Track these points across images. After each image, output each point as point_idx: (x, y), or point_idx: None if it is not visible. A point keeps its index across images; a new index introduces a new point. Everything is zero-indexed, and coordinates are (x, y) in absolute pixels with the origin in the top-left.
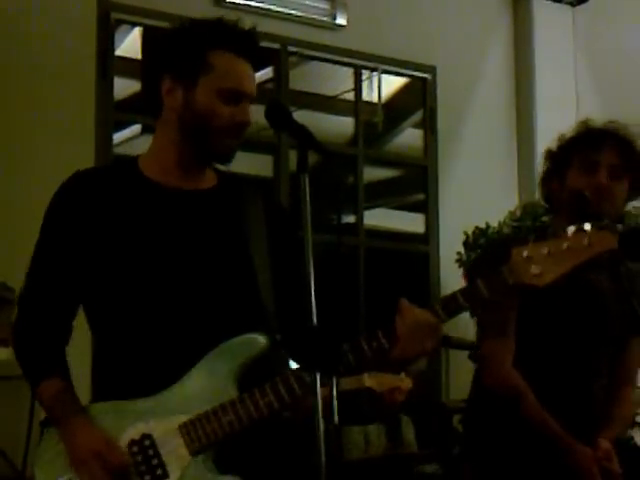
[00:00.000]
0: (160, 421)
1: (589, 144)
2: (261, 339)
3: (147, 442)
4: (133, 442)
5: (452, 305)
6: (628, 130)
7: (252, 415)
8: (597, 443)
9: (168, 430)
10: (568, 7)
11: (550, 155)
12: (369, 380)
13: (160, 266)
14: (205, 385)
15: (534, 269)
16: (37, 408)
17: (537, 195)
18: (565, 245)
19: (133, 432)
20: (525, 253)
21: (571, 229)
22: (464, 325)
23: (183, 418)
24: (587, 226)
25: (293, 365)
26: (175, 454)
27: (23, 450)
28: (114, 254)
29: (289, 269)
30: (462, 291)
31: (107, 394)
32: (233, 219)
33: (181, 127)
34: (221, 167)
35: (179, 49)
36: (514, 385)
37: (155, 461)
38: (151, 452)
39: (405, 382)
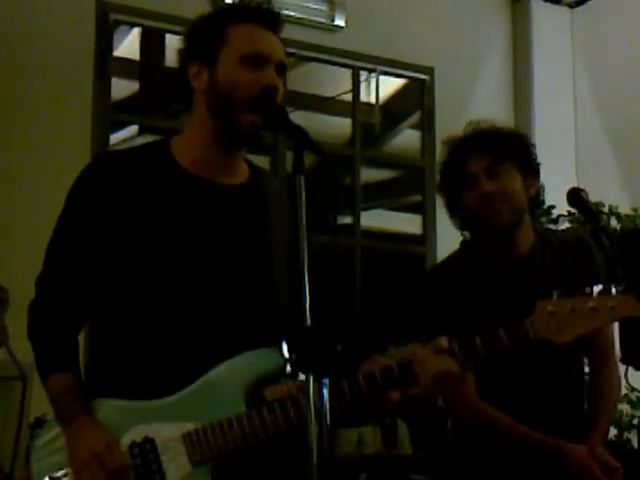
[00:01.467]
0: (164, 426)
1: (455, 162)
2: (277, 358)
3: (148, 446)
4: (134, 444)
5: (470, 351)
6: (485, 128)
7: (258, 434)
8: (591, 442)
9: (171, 437)
10: (566, 9)
11: (442, 195)
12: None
13: (181, 262)
14: (214, 396)
15: (556, 324)
16: (26, 411)
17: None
18: (590, 305)
19: (136, 434)
20: (550, 308)
21: (597, 289)
22: None
23: (188, 426)
24: (612, 289)
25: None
26: (176, 462)
27: (11, 452)
28: (136, 244)
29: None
30: (482, 337)
31: (111, 388)
32: (259, 220)
33: (209, 107)
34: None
35: (199, 33)
36: (483, 414)
37: (154, 466)
38: (151, 457)
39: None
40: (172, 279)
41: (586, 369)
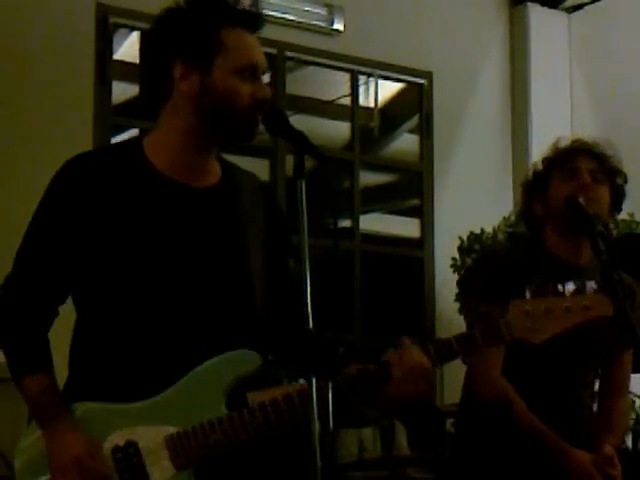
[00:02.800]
0: (147, 429)
1: (565, 157)
2: (255, 358)
3: (132, 450)
4: (117, 448)
5: (445, 351)
6: (598, 144)
7: (239, 436)
8: (600, 448)
9: (154, 440)
10: (564, 14)
11: (528, 184)
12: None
13: (156, 266)
14: (195, 398)
15: (530, 325)
16: None
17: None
18: (564, 305)
19: (118, 438)
20: (525, 308)
21: (570, 289)
22: (458, 330)
23: (171, 430)
24: (588, 288)
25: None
26: (159, 466)
27: None
28: (112, 248)
29: (284, 274)
30: (457, 338)
31: (90, 391)
32: (234, 222)
33: (199, 112)
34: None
35: (190, 32)
36: (503, 393)
37: (138, 470)
38: (135, 460)
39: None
40: (148, 283)
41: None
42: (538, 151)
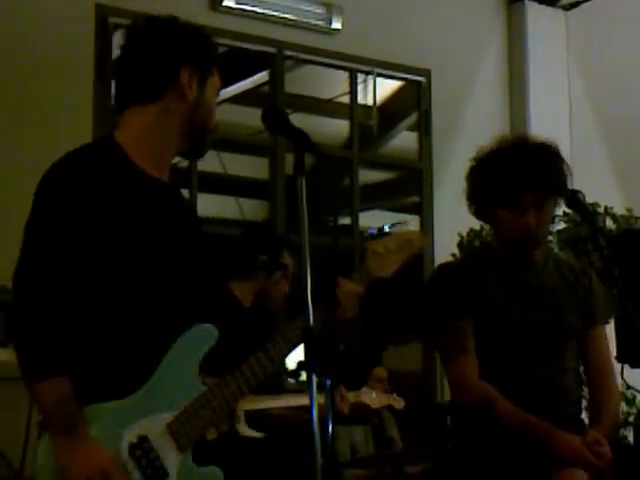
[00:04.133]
0: (150, 421)
1: (509, 190)
2: (213, 330)
3: (146, 445)
4: (133, 446)
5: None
6: (549, 157)
7: (224, 406)
8: (587, 432)
9: (159, 429)
10: (561, 11)
11: (471, 178)
12: (366, 397)
13: (156, 259)
14: (176, 381)
15: (380, 262)
16: (35, 410)
17: None
18: (396, 242)
19: (130, 436)
20: (372, 248)
21: (395, 229)
22: None
23: (168, 416)
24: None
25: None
26: (170, 452)
27: (21, 450)
28: (115, 242)
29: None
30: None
31: (84, 390)
32: (194, 214)
33: (187, 120)
34: None
35: (202, 44)
36: (483, 394)
37: (157, 463)
38: (153, 455)
39: (397, 402)
40: (140, 281)
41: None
42: None
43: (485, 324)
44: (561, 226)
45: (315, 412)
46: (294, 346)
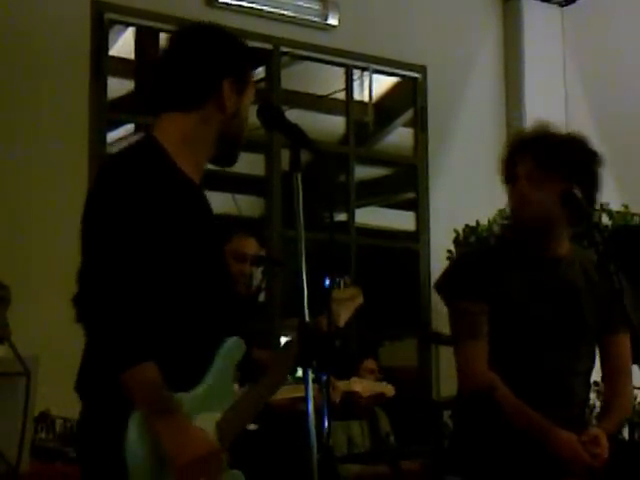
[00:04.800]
0: (204, 418)
1: (508, 160)
2: (243, 344)
3: None
4: None
5: None
6: (549, 133)
7: (253, 412)
8: (586, 430)
9: (210, 427)
10: (557, 7)
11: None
12: (356, 385)
13: (205, 261)
14: (221, 384)
15: (337, 310)
16: (30, 405)
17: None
18: (344, 296)
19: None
20: (334, 296)
21: (343, 283)
22: None
23: (217, 416)
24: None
25: None
26: None
27: (17, 446)
28: (175, 243)
29: None
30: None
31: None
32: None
33: (224, 130)
34: None
35: (244, 58)
36: (487, 382)
37: None
38: None
39: (388, 389)
40: (195, 278)
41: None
42: None
43: (500, 316)
44: None
45: (311, 406)
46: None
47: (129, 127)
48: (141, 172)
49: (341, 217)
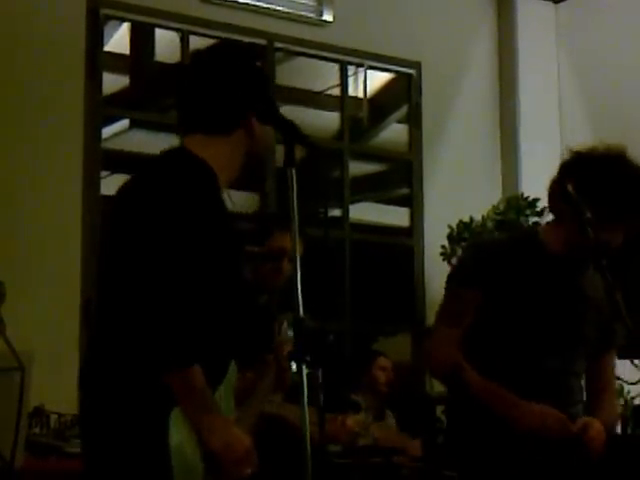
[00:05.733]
0: None
1: (633, 210)
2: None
3: None
4: None
5: None
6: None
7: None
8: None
9: None
10: (551, 4)
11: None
12: (378, 431)
13: (231, 267)
14: (227, 394)
15: None
16: (25, 400)
17: (520, 189)
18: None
19: None
20: None
21: None
22: None
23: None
24: None
25: None
26: None
27: (11, 441)
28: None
29: None
30: None
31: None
32: None
33: (250, 153)
34: None
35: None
36: (452, 362)
37: None
38: None
39: (414, 447)
40: (219, 286)
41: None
42: (526, 140)
43: (500, 310)
44: (549, 218)
45: (305, 404)
46: None
47: (124, 123)
48: (192, 188)
49: (335, 213)
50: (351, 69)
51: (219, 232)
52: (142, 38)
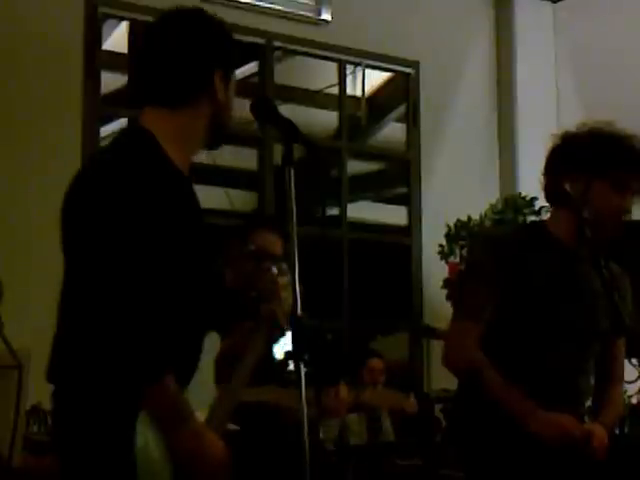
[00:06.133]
0: (198, 415)
1: (632, 168)
2: (218, 340)
3: None
4: None
5: None
6: None
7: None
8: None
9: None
10: (549, 3)
11: (575, 149)
12: (371, 396)
13: (199, 257)
14: (200, 383)
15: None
16: (23, 399)
17: (518, 188)
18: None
19: None
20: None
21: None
22: (446, 316)
23: (201, 415)
24: None
25: None
26: None
27: (9, 439)
28: (171, 244)
29: None
30: None
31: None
32: None
33: (214, 120)
34: None
35: (231, 46)
36: (471, 360)
37: None
38: None
39: (410, 404)
40: (189, 277)
41: None
42: (524, 138)
43: (519, 307)
44: (548, 216)
45: (304, 401)
46: None
47: (123, 121)
48: (140, 171)
49: (333, 211)
50: (349, 68)
51: (173, 221)
52: (140, 37)
